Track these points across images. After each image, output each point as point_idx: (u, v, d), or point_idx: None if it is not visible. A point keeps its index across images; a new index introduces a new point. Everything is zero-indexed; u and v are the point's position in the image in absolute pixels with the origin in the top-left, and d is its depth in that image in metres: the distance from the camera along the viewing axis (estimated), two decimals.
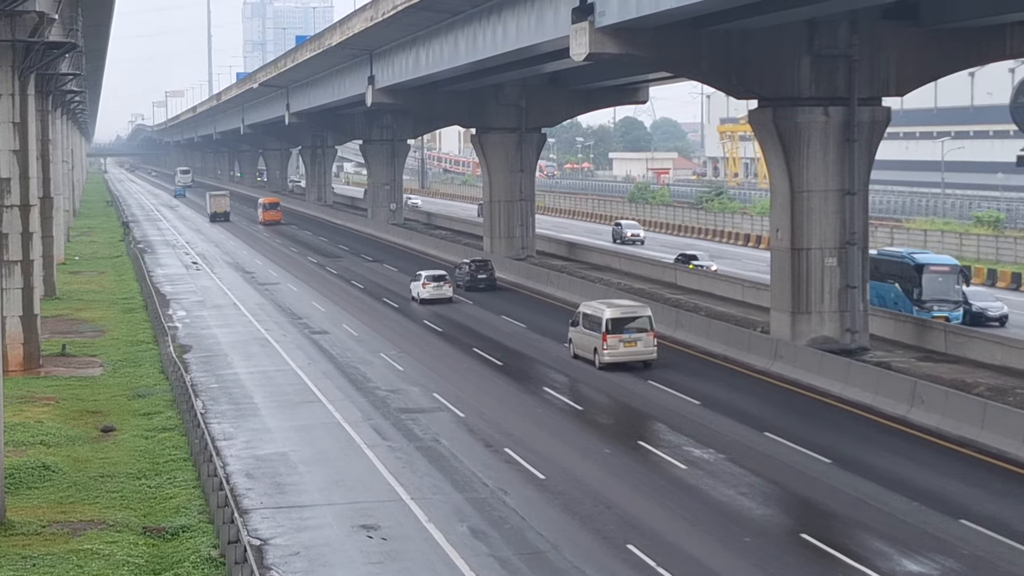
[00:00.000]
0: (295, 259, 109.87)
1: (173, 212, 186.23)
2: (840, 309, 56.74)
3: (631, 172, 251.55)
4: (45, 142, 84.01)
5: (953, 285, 64.09)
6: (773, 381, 52.56)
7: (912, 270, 64.56)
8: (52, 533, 33.28)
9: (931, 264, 65.10)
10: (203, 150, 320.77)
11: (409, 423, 46.29)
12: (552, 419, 46.96)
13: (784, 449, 41.65)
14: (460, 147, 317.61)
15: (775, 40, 55.93)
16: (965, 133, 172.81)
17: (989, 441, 40.73)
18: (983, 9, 52.98)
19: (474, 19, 73.24)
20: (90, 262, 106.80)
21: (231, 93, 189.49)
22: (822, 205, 56.53)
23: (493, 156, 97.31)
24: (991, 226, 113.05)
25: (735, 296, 75.30)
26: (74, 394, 51.83)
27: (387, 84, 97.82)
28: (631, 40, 55.64)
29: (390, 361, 59.02)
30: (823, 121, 56.15)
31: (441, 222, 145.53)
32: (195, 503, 35.72)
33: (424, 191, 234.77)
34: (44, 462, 39.83)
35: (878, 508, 35.03)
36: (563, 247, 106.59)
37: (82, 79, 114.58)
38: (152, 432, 44.71)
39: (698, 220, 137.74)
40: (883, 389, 47.03)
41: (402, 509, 35.58)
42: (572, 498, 36.35)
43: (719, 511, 35.19)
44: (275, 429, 45.95)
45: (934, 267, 64.72)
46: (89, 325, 71.01)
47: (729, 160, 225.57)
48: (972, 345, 55.16)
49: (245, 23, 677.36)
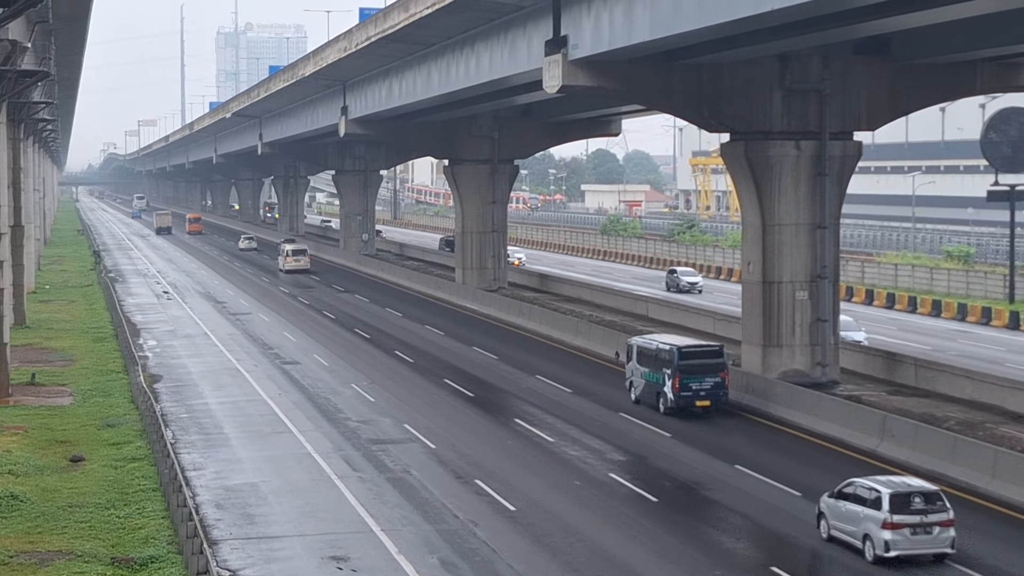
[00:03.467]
0: (267, 289, 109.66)
1: (145, 241, 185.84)
2: (811, 342, 56.87)
3: (603, 204, 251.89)
4: (16, 170, 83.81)
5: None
6: (744, 414, 52.60)
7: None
8: (20, 563, 33.09)
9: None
10: (175, 179, 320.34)
11: (380, 454, 46.20)
12: (523, 451, 46.93)
13: (755, 482, 41.70)
14: (433, 178, 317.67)
15: (747, 74, 56.18)
16: (936, 168, 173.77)
17: (959, 475, 40.84)
18: (954, 45, 53.31)
19: (447, 51, 73.40)
20: (61, 291, 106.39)
21: (204, 123, 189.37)
22: (793, 239, 56.71)
23: (466, 187, 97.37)
24: (961, 261, 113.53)
25: (707, 328, 75.32)
26: (43, 423, 51.57)
27: (360, 115, 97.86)
28: (604, 73, 55.84)
29: (361, 392, 58.93)
30: (795, 155, 56.37)
31: (413, 253, 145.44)
32: (164, 534, 35.57)
33: (396, 221, 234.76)
34: (12, 492, 39.61)
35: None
36: (535, 278, 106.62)
37: (54, 107, 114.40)
38: (121, 462, 44.52)
39: (670, 252, 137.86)
40: (853, 423, 47.15)
41: (372, 540, 35.50)
42: (543, 530, 36.32)
43: (690, 544, 35.21)
44: (245, 459, 45.80)
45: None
46: (59, 354, 70.72)
47: (701, 193, 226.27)
48: (942, 379, 55.31)
49: (219, 52, 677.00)
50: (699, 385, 51.94)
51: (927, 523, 33.36)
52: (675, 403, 52.02)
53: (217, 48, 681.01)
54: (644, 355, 54.52)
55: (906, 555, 33.18)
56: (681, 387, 51.85)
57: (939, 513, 33.59)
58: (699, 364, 52.32)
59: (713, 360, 52.69)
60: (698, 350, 53.42)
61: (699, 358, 52.62)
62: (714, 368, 52.40)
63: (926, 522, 33.35)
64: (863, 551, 33.85)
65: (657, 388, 53.29)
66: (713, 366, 52.44)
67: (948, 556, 33.50)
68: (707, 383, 52.00)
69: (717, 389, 52.09)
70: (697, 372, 52.08)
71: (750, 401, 53.62)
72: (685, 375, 51.91)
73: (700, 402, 51.97)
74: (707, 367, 52.35)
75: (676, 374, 51.94)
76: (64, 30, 76.08)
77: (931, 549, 33.47)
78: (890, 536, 33.14)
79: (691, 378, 51.90)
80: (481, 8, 62.41)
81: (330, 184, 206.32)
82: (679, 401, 51.96)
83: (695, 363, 52.31)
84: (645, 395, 54.47)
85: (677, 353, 52.21)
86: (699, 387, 51.94)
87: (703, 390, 51.96)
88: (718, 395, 52.14)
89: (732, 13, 44.10)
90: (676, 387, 51.92)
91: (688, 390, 51.85)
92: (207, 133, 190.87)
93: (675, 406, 52.04)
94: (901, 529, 33.15)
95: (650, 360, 54.00)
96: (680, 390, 51.88)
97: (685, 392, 51.86)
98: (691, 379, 51.90)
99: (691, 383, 51.86)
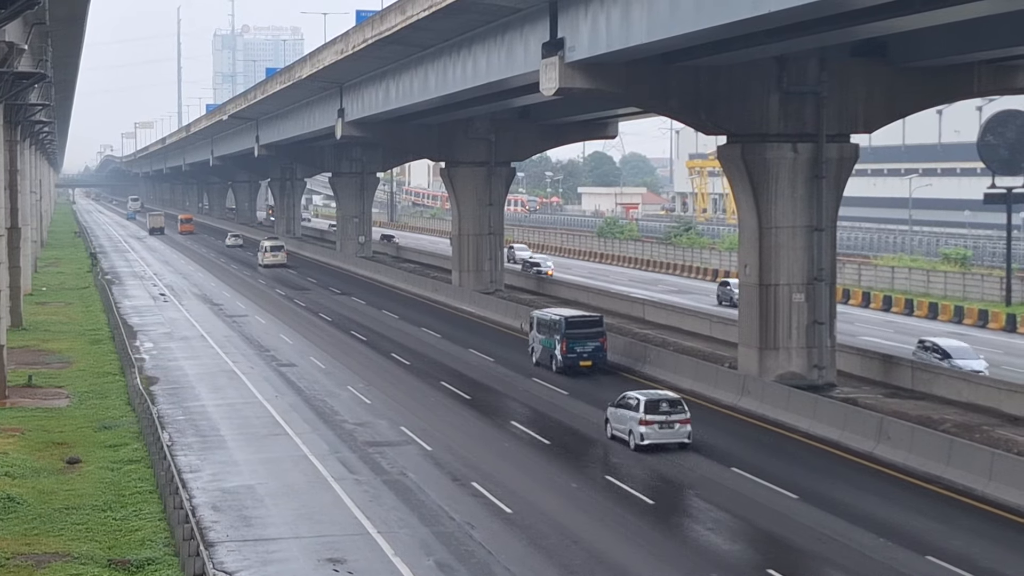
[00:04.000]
0: (263, 291, 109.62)
1: (141, 243, 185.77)
2: (808, 345, 56.90)
3: (600, 207, 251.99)
4: (13, 172, 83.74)
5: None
6: (741, 416, 52.65)
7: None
8: (16, 565, 33.05)
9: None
10: (172, 181, 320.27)
11: (376, 456, 46.19)
12: (519, 453, 46.93)
13: (751, 484, 41.71)
14: (430, 180, 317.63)
15: (744, 76, 56.21)
16: (933, 170, 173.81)
17: (955, 477, 40.86)
18: (951, 48, 53.31)
19: (444, 53, 73.40)
20: (57, 293, 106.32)
21: (201, 125, 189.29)
22: (790, 241, 56.74)
23: (462, 190, 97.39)
24: (958, 263, 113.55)
25: (703, 331, 75.40)
26: (40, 425, 51.52)
27: (357, 117, 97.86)
28: (601, 75, 55.86)
29: (357, 394, 58.92)
30: (791, 157, 56.41)
31: (410, 255, 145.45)
32: (161, 535, 35.55)
33: (393, 224, 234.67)
34: (9, 494, 39.58)
35: (845, 544, 35.10)
36: (532, 281, 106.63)
37: (51, 109, 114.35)
38: (118, 464, 44.49)
39: (666, 255, 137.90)
40: (850, 425, 47.16)
41: (368, 543, 35.48)
42: (539, 532, 36.31)
43: (686, 546, 35.22)
44: (242, 462, 45.78)
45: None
46: (56, 356, 70.67)
47: (698, 195, 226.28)
48: (938, 382, 55.35)
49: (215, 55, 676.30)
50: (582, 348, 62.59)
51: (670, 421, 46.33)
52: (563, 363, 62.64)
53: (214, 50, 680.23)
54: (541, 325, 65.49)
55: (655, 443, 45.95)
56: (568, 350, 62.44)
57: (679, 414, 46.60)
58: (582, 331, 63.01)
59: (594, 328, 63.44)
60: (582, 320, 64.29)
61: (582, 327, 63.41)
62: (595, 335, 62.99)
63: (670, 420, 46.33)
64: (629, 442, 46.43)
65: (550, 351, 64.09)
66: (594, 333, 63.11)
67: (686, 445, 45.99)
68: (589, 347, 62.62)
69: (597, 352, 62.65)
70: (580, 338, 62.68)
71: (747, 403, 53.65)
72: (571, 340, 62.52)
73: (583, 362, 62.50)
74: (589, 334, 63.00)
75: (563, 339, 62.67)
76: (61, 32, 76.04)
77: (673, 439, 46.23)
78: (644, 430, 46.10)
79: (575, 342, 62.51)
80: (478, 10, 62.40)
81: (327, 186, 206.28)
82: (566, 361, 62.57)
83: (579, 331, 63.03)
84: (542, 357, 65.15)
85: (564, 322, 63.23)
86: (582, 350, 62.57)
87: (586, 352, 62.52)
88: (598, 356, 62.70)
89: (730, 15, 44.09)
90: (564, 350, 62.58)
91: (573, 352, 62.43)
92: (204, 135, 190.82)
93: (563, 365, 62.62)
94: (652, 425, 46.10)
95: (545, 328, 64.97)
96: (567, 352, 62.48)
97: (571, 354, 62.43)
98: (575, 343, 62.50)
99: (576, 347, 62.49)
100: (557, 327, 63.25)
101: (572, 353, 62.30)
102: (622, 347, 66.15)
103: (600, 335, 62.98)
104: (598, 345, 62.61)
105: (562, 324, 62.98)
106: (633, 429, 46.45)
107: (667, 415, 46.38)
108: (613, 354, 64.11)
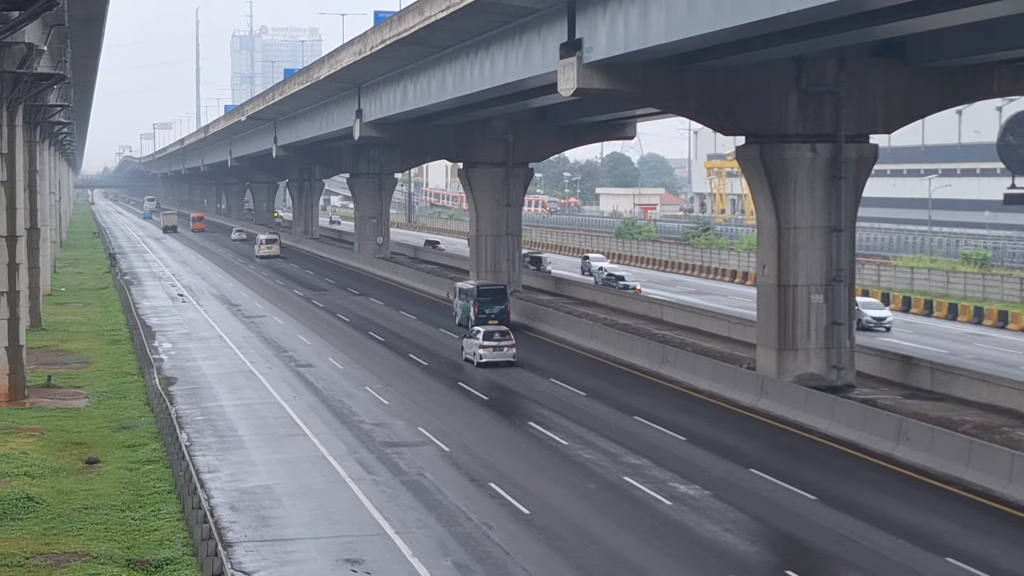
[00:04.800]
0: (281, 292, 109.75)
1: (160, 244, 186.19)
2: (826, 346, 56.75)
3: (618, 207, 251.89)
4: (32, 173, 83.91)
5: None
6: (759, 418, 52.55)
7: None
8: (36, 565, 33.13)
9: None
10: (190, 182, 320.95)
11: (394, 457, 46.19)
12: (537, 454, 46.90)
13: (769, 486, 41.62)
14: (447, 181, 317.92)
15: (762, 77, 56.08)
16: (952, 171, 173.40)
17: (975, 479, 40.72)
18: (970, 48, 53.11)
19: (462, 54, 73.39)
20: (76, 293, 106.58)
21: (219, 126, 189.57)
22: (809, 242, 56.60)
23: (480, 190, 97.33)
24: (978, 264, 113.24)
25: (721, 332, 75.31)
26: (59, 425, 51.64)
27: (375, 118, 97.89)
28: (618, 76, 55.78)
29: (375, 395, 58.95)
30: (810, 158, 56.28)
31: (427, 256, 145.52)
32: (179, 536, 35.59)
33: (411, 225, 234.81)
34: (28, 493, 39.68)
35: (863, 545, 35.01)
36: (549, 282, 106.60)
37: (70, 110, 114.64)
38: (137, 464, 44.56)
39: (685, 256, 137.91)
40: (869, 426, 47.02)
41: (386, 543, 35.48)
42: (557, 533, 36.27)
43: (704, 547, 35.14)
44: (260, 462, 45.82)
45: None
46: (74, 356, 70.83)
47: (716, 196, 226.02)
48: (958, 383, 55.18)
49: (234, 56, 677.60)
50: (490, 310, 78.06)
51: (500, 346, 65.51)
52: (475, 322, 75.82)
53: (232, 51, 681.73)
54: (461, 292, 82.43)
55: (490, 361, 65.23)
56: (479, 311, 77.66)
57: (507, 342, 65.78)
58: (490, 297, 78.91)
59: (500, 295, 79.45)
60: (490, 288, 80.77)
61: (490, 294, 79.39)
62: (500, 300, 78.97)
63: (499, 345, 65.50)
64: (474, 361, 65.67)
65: (467, 313, 79.39)
66: (500, 298, 79.07)
67: (512, 363, 64.88)
68: (496, 309, 78.27)
69: (502, 313, 78.22)
70: (489, 302, 78.48)
71: (765, 405, 53.55)
72: (481, 304, 78.24)
73: (491, 321, 75.75)
74: (496, 299, 78.94)
75: (475, 303, 78.23)
76: (80, 33, 76.27)
77: (503, 359, 65.33)
78: (483, 352, 65.51)
79: (485, 305, 78.19)
80: (496, 11, 62.37)
81: (345, 187, 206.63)
82: (478, 321, 75.92)
83: (487, 297, 78.92)
84: (462, 319, 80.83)
85: (476, 290, 79.55)
86: (490, 311, 77.92)
87: (493, 313, 77.78)
88: (502, 316, 77.86)
89: (748, 15, 43.99)
90: (476, 311, 77.76)
91: (484, 313, 77.62)
92: (222, 136, 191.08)
93: (476, 323, 74.74)
94: (488, 348, 65.45)
95: (464, 295, 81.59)
96: (479, 313, 77.55)
97: (481, 315, 77.37)
98: (485, 306, 78.16)
99: (485, 309, 78.05)
100: (471, 294, 79.39)
101: (482, 314, 77.57)
102: (521, 309, 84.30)
103: (504, 300, 79.16)
104: (503, 308, 78.52)
105: (475, 291, 79.34)
106: (476, 352, 65.72)
107: (498, 342, 65.58)
108: (515, 315, 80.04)
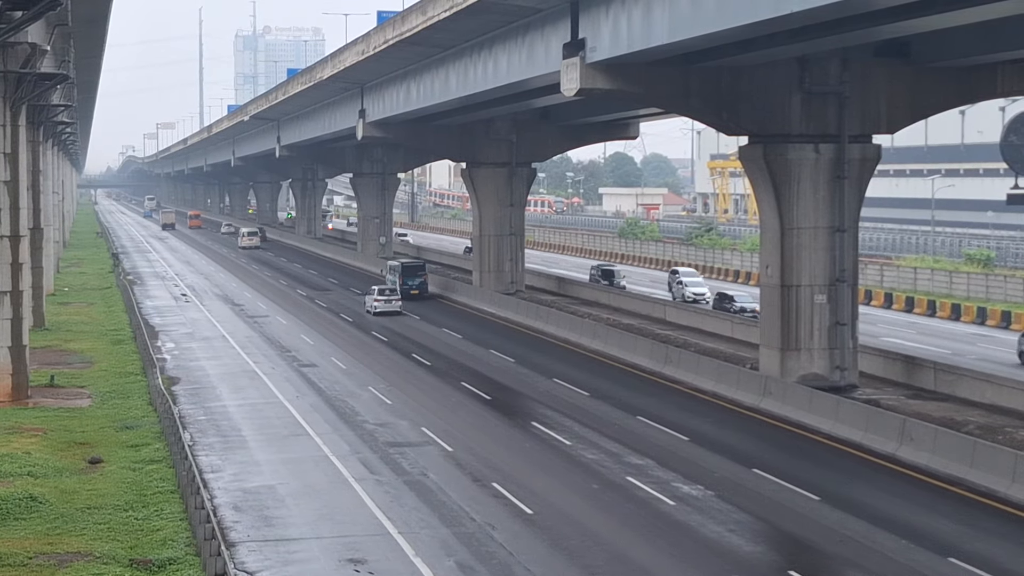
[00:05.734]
0: (284, 292, 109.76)
1: (163, 244, 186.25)
2: (830, 346, 56.76)
3: (621, 207, 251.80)
4: (36, 173, 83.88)
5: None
6: (762, 418, 52.53)
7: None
8: (38, 565, 33.13)
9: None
10: (193, 182, 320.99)
11: (397, 457, 46.19)
12: (540, 454, 46.88)
13: (773, 486, 41.61)
14: (451, 181, 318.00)
15: (766, 77, 56.08)
16: (955, 171, 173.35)
17: (978, 479, 40.70)
18: (974, 48, 53.11)
19: (465, 54, 73.41)
20: (79, 293, 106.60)
21: (222, 126, 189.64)
22: (812, 242, 56.59)
23: (483, 190, 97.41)
24: (981, 264, 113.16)
25: (724, 332, 75.29)
26: (62, 425, 51.66)
27: (378, 118, 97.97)
28: (622, 76, 55.80)
29: (378, 395, 58.95)
30: (813, 158, 56.27)
31: (431, 256, 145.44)
32: (182, 535, 35.59)
33: (414, 225, 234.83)
34: (31, 493, 39.68)
35: (867, 546, 34.99)
36: (552, 282, 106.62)
37: (73, 110, 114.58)
38: (140, 464, 44.57)
39: (688, 256, 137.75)
40: (872, 427, 47.00)
41: (389, 543, 35.48)
42: (560, 533, 36.26)
43: (707, 547, 35.12)
44: (263, 462, 45.82)
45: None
46: (78, 356, 70.84)
47: (719, 196, 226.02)
48: (962, 383, 55.15)
49: (237, 56, 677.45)
50: (412, 282, 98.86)
51: (389, 299, 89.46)
52: (400, 291, 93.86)
53: (235, 51, 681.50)
54: (390, 269, 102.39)
55: (381, 312, 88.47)
56: (403, 283, 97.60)
57: (394, 296, 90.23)
58: (412, 272, 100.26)
59: (420, 270, 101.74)
60: (412, 264, 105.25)
61: (413, 269, 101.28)
62: (420, 274, 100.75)
63: (389, 299, 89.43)
64: (371, 311, 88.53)
65: (394, 284, 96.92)
66: (420, 273, 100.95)
67: (399, 312, 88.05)
68: (416, 281, 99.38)
69: (422, 284, 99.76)
70: (410, 276, 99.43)
71: (768, 405, 53.53)
72: (405, 277, 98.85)
73: (413, 291, 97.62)
74: (417, 273, 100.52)
75: (400, 276, 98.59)
76: (83, 33, 76.30)
77: (391, 308, 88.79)
78: (376, 303, 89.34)
79: (408, 278, 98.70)
80: (499, 11, 62.39)
81: (348, 187, 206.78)
82: (402, 291, 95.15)
83: (410, 271, 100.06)
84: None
85: (401, 267, 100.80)
86: (412, 283, 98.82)
87: (414, 284, 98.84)
88: (422, 287, 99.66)
89: (751, 15, 44.00)
90: (401, 283, 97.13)
91: (407, 284, 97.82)
92: (225, 136, 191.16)
93: (401, 292, 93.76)
94: (380, 301, 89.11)
95: (392, 271, 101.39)
96: (403, 284, 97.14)
97: (405, 286, 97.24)
98: (408, 279, 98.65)
99: (408, 281, 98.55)
100: (397, 270, 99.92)
101: (406, 285, 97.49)
102: (439, 283, 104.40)
103: (424, 274, 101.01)
104: (422, 280, 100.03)
105: (400, 267, 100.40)
106: (372, 303, 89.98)
107: (387, 297, 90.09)
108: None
